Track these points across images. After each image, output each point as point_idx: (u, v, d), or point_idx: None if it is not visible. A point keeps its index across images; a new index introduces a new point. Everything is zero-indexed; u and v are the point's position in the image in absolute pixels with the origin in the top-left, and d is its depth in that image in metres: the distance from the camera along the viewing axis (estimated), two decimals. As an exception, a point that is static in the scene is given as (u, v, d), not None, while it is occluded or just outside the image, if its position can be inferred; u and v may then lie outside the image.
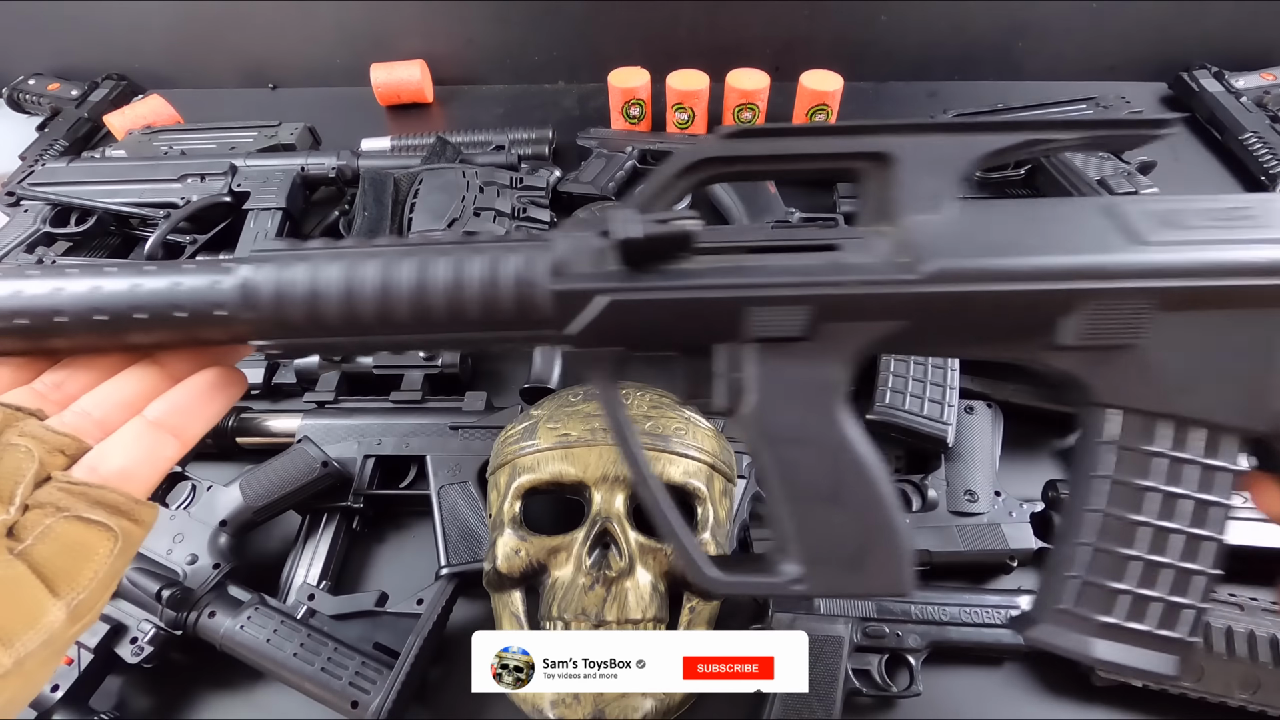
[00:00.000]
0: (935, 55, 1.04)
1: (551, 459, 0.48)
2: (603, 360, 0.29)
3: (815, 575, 0.28)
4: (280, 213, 0.79)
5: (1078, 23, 1.01)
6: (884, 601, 0.51)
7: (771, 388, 0.28)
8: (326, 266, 0.28)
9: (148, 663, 0.48)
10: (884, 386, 0.60)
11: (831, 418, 0.28)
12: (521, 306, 0.28)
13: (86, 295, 0.27)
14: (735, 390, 0.28)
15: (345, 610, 0.51)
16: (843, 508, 0.28)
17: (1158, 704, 0.48)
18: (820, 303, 0.27)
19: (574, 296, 0.27)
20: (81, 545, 0.24)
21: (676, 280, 0.27)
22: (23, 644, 0.22)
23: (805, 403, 0.28)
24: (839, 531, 0.28)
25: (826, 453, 0.28)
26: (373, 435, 0.60)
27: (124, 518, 0.25)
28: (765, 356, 0.28)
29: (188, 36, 1.09)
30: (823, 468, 0.28)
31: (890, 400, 0.59)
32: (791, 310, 0.27)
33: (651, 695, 0.44)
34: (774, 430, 0.28)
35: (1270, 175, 0.86)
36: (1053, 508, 0.56)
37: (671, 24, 1.02)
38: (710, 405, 0.29)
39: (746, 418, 0.28)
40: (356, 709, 0.46)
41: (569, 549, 0.46)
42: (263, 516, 0.56)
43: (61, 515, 0.24)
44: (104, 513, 0.24)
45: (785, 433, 0.28)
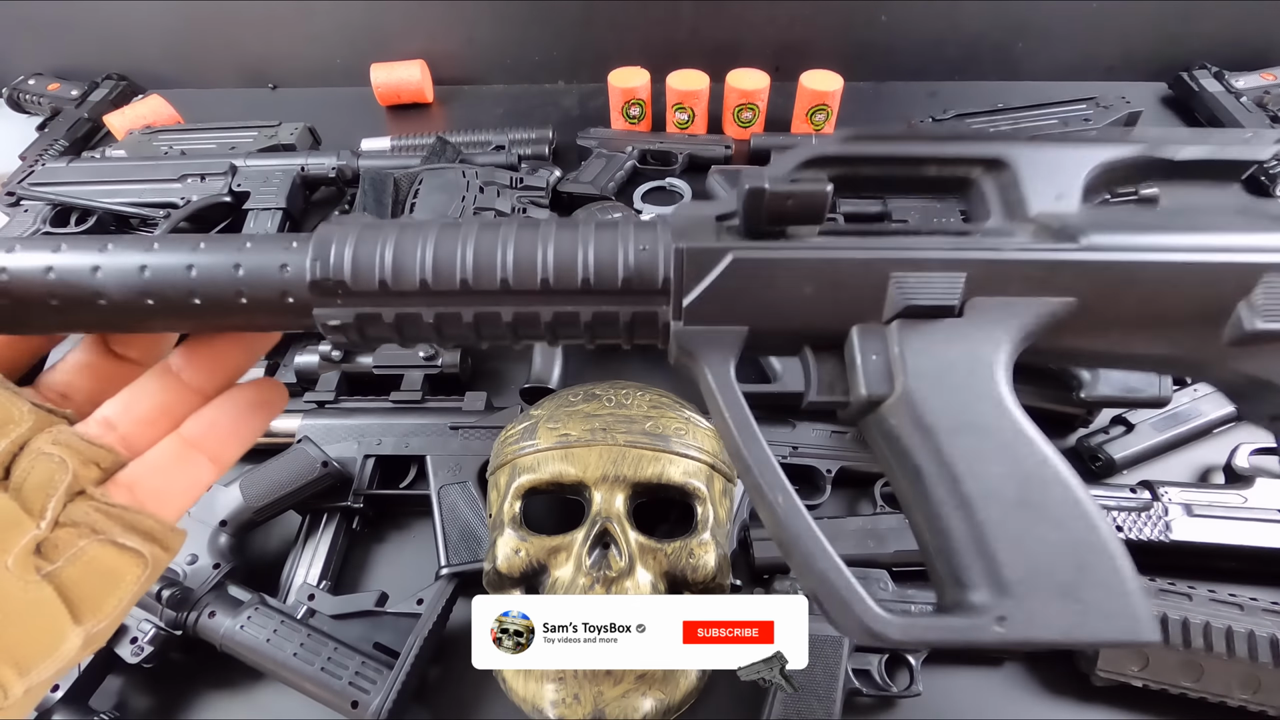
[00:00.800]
0: (935, 55, 1.04)
1: (551, 459, 0.48)
2: (719, 345, 0.25)
3: (1022, 605, 0.21)
4: (280, 213, 0.79)
5: (1078, 23, 1.01)
6: (884, 602, 0.51)
7: (924, 366, 0.23)
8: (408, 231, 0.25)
9: (148, 663, 0.48)
10: None
11: (1002, 404, 0.23)
12: (639, 269, 0.24)
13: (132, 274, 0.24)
14: (881, 373, 0.24)
15: (345, 610, 0.51)
16: (1037, 515, 0.22)
17: (1158, 704, 0.48)
18: (976, 268, 0.23)
19: (698, 255, 0.24)
20: (112, 572, 0.22)
21: (808, 245, 0.24)
22: (38, 673, 0.20)
23: (967, 385, 0.23)
24: (1039, 546, 0.22)
25: (1004, 445, 0.23)
26: (373, 435, 0.60)
27: (157, 545, 0.24)
28: (912, 334, 0.24)
29: (188, 36, 1.09)
30: (1003, 462, 0.23)
31: None
32: (945, 277, 0.23)
33: (651, 695, 0.44)
34: (933, 417, 0.23)
35: (1270, 175, 0.86)
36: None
37: (671, 24, 1.03)
38: (848, 405, 0.25)
39: (896, 405, 0.23)
40: (356, 709, 0.46)
41: (569, 549, 0.46)
42: (263, 516, 0.56)
43: (96, 538, 0.22)
44: (138, 539, 0.23)
45: (948, 419, 0.23)
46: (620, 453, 0.47)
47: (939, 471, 0.23)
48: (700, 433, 0.50)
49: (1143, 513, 0.54)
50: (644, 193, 0.89)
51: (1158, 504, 0.55)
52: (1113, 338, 0.25)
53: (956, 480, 0.23)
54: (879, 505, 0.58)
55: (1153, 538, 0.53)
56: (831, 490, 0.59)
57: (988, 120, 0.85)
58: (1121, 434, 0.62)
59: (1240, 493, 0.55)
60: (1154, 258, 0.23)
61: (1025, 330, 0.24)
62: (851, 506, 0.61)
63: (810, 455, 0.60)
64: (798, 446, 0.60)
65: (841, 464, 0.60)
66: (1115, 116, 0.84)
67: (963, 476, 0.23)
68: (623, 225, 0.25)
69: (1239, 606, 0.48)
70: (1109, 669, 0.48)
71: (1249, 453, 0.59)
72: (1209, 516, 0.54)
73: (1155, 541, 0.53)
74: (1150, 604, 0.21)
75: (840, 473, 0.60)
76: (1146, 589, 0.21)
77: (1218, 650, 0.47)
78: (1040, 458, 0.23)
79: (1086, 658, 0.49)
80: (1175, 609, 0.48)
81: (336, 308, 0.25)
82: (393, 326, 0.25)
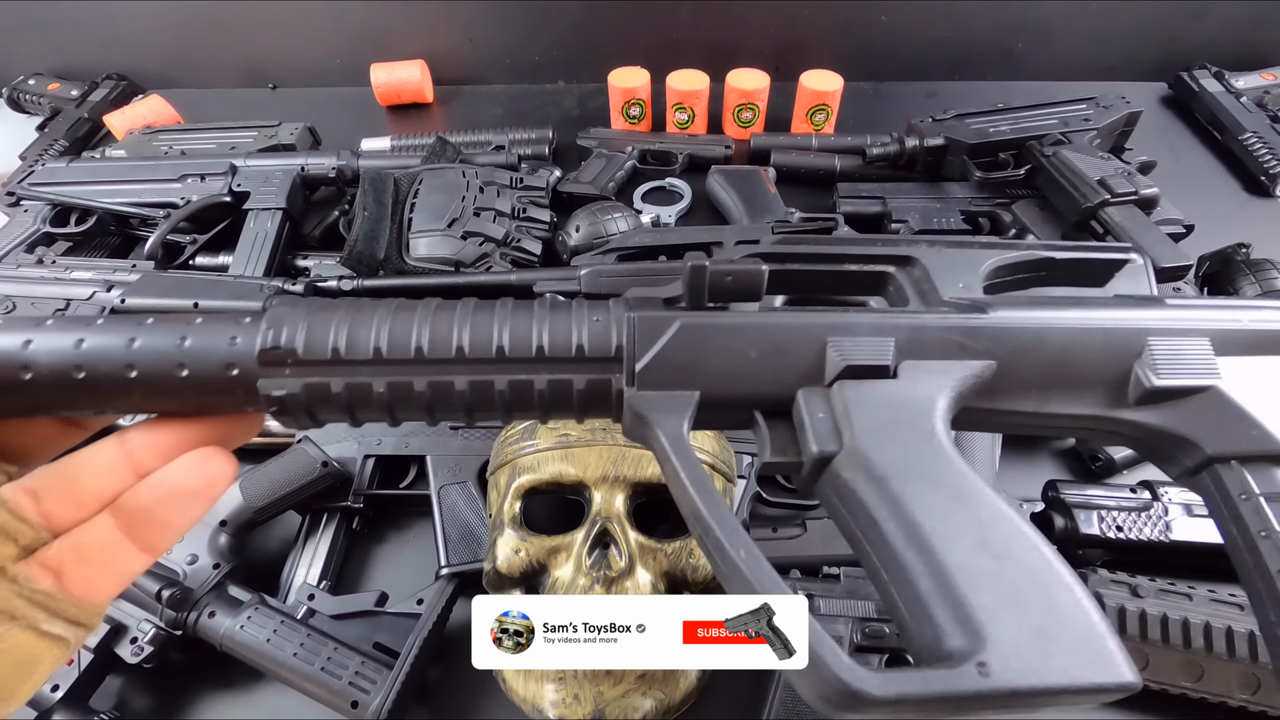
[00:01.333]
0: (935, 55, 1.04)
1: (551, 459, 0.48)
2: (672, 409, 0.25)
3: (999, 648, 0.20)
4: (280, 213, 0.79)
5: (1078, 23, 1.01)
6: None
7: (869, 420, 0.25)
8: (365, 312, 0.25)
9: (148, 663, 0.48)
10: None
11: (947, 455, 0.25)
12: (593, 337, 0.26)
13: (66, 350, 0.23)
14: (829, 430, 0.25)
15: (345, 610, 0.51)
16: (999, 558, 0.22)
17: (1158, 704, 0.48)
18: (903, 333, 0.26)
19: (648, 323, 0.26)
20: (30, 659, 0.21)
21: (748, 314, 0.27)
22: None
23: (912, 437, 0.25)
24: (1005, 587, 0.22)
25: (956, 492, 0.24)
26: (373, 435, 0.60)
27: (81, 628, 0.22)
28: (854, 392, 0.25)
29: (188, 36, 1.09)
30: (958, 508, 0.23)
31: None
32: (877, 341, 0.26)
33: (651, 695, 0.44)
34: (884, 467, 0.24)
35: (1270, 175, 0.86)
36: (1052, 508, 0.56)
37: (671, 24, 1.03)
38: (801, 464, 0.26)
39: (847, 459, 0.24)
40: (356, 709, 0.46)
41: (569, 549, 0.46)
42: (263, 516, 0.56)
43: (16, 624, 0.20)
44: (62, 625, 0.21)
45: (899, 468, 0.24)
46: (620, 452, 0.47)
47: (897, 519, 0.23)
48: (699, 433, 0.50)
49: (1143, 513, 0.54)
50: (644, 193, 0.89)
51: (1158, 504, 0.55)
52: (1034, 398, 0.27)
53: (915, 525, 0.23)
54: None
55: (1153, 538, 0.53)
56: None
57: (988, 120, 0.85)
58: (1121, 434, 0.62)
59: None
60: (1055, 322, 0.27)
61: (955, 390, 0.26)
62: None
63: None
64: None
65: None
66: (1115, 116, 0.83)
67: (920, 521, 0.23)
68: (577, 305, 0.27)
69: (1239, 607, 0.48)
70: (1109, 669, 0.48)
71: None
72: (1209, 517, 0.54)
73: (1155, 541, 0.53)
74: (1122, 649, 0.21)
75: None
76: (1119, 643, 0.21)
77: (1218, 650, 0.47)
78: (993, 505, 0.24)
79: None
80: (1175, 609, 0.48)
81: (284, 378, 0.24)
82: (342, 398, 0.25)
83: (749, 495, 0.58)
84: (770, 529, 0.56)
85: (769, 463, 0.26)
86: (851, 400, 0.25)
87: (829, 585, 0.52)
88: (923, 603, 0.22)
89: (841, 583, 0.52)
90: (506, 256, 0.74)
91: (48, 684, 0.46)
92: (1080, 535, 0.54)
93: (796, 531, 0.56)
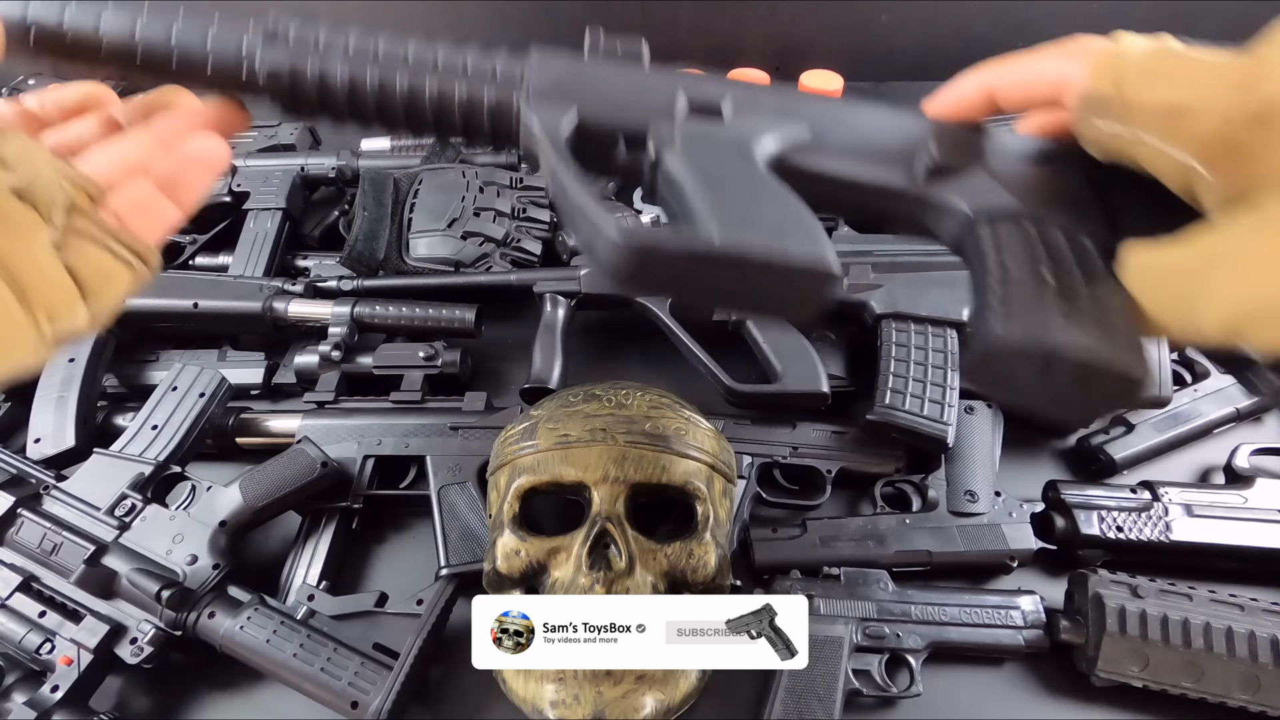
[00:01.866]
0: (935, 55, 1.04)
1: (551, 459, 0.48)
2: (555, 114, 0.33)
3: (735, 229, 0.28)
4: (280, 213, 0.79)
5: (1078, 23, 1.00)
6: (884, 602, 0.51)
7: (700, 132, 0.33)
8: None
9: (147, 663, 0.48)
10: (884, 387, 0.59)
11: (757, 165, 0.32)
12: (504, 68, 0.35)
13: None
14: (668, 138, 0.32)
15: (345, 611, 0.51)
16: (756, 195, 0.31)
17: (1158, 704, 0.48)
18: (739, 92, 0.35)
19: (547, 58, 0.36)
20: (110, 272, 0.29)
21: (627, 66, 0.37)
22: (57, 327, 0.27)
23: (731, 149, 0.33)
24: (751, 201, 0.30)
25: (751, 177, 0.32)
26: (372, 435, 0.60)
27: (141, 260, 0.30)
28: (695, 122, 0.33)
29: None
30: (745, 182, 0.31)
31: (890, 400, 0.58)
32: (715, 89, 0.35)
33: (651, 695, 0.44)
34: (700, 158, 0.32)
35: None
36: (1052, 508, 0.56)
37: (671, 24, 1.02)
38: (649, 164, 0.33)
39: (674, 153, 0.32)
40: (356, 709, 0.46)
41: (569, 549, 0.46)
42: (262, 517, 0.56)
43: (95, 245, 0.28)
44: (128, 254, 0.29)
45: (712, 161, 0.32)
46: (620, 453, 0.47)
47: (699, 180, 0.30)
48: (701, 433, 0.50)
49: (1143, 513, 0.54)
50: (644, 193, 0.89)
51: (1158, 504, 0.55)
52: (842, 162, 0.34)
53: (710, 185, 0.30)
54: (879, 506, 0.58)
55: (1153, 538, 0.53)
56: (831, 490, 0.59)
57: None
58: (1122, 434, 0.62)
59: (1240, 493, 0.55)
60: (858, 108, 0.36)
61: (775, 137, 0.33)
62: (851, 507, 0.61)
63: (810, 455, 0.60)
64: (798, 447, 0.60)
65: (841, 464, 0.60)
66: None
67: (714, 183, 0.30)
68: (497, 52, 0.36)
69: (1239, 607, 0.48)
70: (1109, 669, 0.48)
71: (1249, 453, 0.59)
72: (1209, 517, 0.54)
73: (1155, 542, 0.53)
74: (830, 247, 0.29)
75: (840, 473, 0.60)
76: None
77: (1218, 650, 0.47)
78: (776, 186, 0.31)
79: (1087, 658, 0.49)
80: (1175, 609, 0.48)
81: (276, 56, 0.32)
82: (314, 82, 0.33)
83: (749, 495, 0.58)
84: (770, 529, 0.56)
85: (622, 165, 0.34)
86: (690, 127, 0.33)
87: (829, 585, 0.52)
88: (692, 211, 0.29)
89: (841, 583, 0.52)
90: (506, 256, 0.74)
91: (47, 685, 0.46)
92: (1081, 535, 0.54)
93: (796, 532, 0.56)
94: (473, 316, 0.68)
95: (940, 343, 0.61)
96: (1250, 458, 0.59)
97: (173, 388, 0.60)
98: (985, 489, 0.57)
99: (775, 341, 0.63)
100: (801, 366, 0.62)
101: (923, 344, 0.61)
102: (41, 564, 0.50)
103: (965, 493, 0.57)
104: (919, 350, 0.61)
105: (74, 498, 0.53)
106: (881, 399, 0.59)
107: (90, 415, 0.63)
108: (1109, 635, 0.48)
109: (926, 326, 0.62)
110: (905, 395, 0.59)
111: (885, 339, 0.62)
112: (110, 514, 0.52)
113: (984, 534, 0.55)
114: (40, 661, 0.47)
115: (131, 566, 0.50)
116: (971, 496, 0.57)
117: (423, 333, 0.68)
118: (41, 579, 0.50)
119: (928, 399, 0.59)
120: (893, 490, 0.60)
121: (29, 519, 0.51)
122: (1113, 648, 0.48)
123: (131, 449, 0.56)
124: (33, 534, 0.51)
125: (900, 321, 0.62)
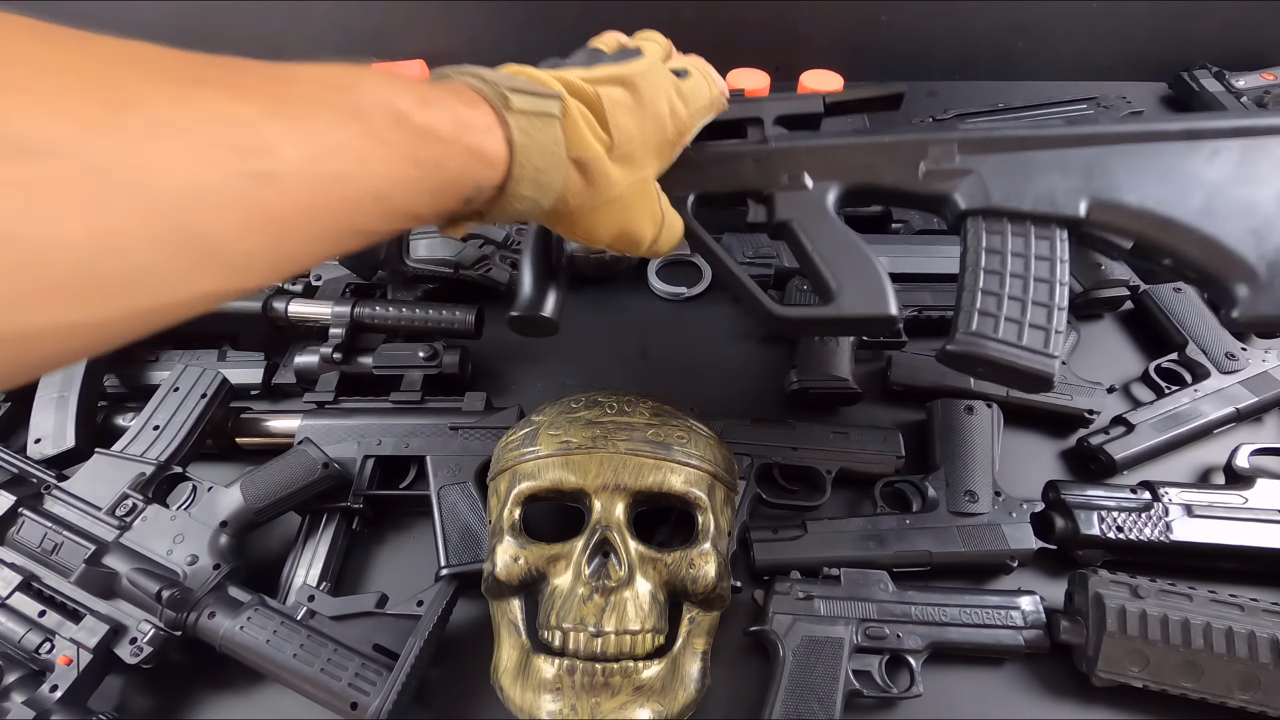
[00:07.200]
0: (935, 55, 1.04)
1: (552, 466, 0.48)
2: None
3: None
4: (280, 213, 0.79)
5: (1077, 23, 1.01)
6: (884, 603, 0.51)
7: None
8: None
9: (147, 663, 0.48)
10: (969, 308, 0.46)
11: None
12: None
13: None
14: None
15: (345, 611, 0.51)
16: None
17: (1158, 704, 0.48)
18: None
19: None
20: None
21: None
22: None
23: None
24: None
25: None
26: (373, 436, 0.60)
27: None
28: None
29: (188, 36, 1.09)
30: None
31: (978, 326, 0.46)
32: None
33: (649, 706, 0.43)
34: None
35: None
36: (1053, 508, 0.56)
37: (671, 24, 1.02)
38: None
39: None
40: (356, 710, 0.46)
41: (568, 557, 0.46)
42: (263, 517, 0.56)
43: None
44: None
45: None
46: (621, 460, 0.47)
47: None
48: (702, 441, 0.50)
49: (1143, 513, 0.54)
50: (644, 193, 0.88)
51: (1158, 504, 0.55)
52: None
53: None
54: (879, 506, 0.58)
55: (1153, 538, 0.53)
56: (831, 490, 0.59)
57: (988, 120, 0.85)
58: (1122, 434, 0.62)
59: (1240, 493, 0.55)
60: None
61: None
62: (852, 507, 0.61)
63: (810, 455, 0.60)
64: (797, 447, 0.60)
65: (841, 464, 0.60)
66: (1116, 116, 0.84)
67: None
68: None
69: (1239, 607, 0.48)
70: (1109, 670, 0.48)
71: (1249, 453, 0.59)
72: (1209, 517, 0.54)
73: (1155, 542, 0.53)
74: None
75: (840, 473, 0.60)
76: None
77: (1218, 651, 0.47)
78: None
79: (1087, 658, 0.49)
80: (1175, 609, 0.48)
81: None
82: None
83: (749, 496, 0.58)
84: (770, 530, 0.56)
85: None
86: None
87: (829, 586, 0.52)
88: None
89: (841, 583, 0.52)
90: (506, 259, 0.74)
91: (46, 684, 0.46)
92: (1081, 536, 0.54)
93: (796, 532, 0.56)
94: (473, 317, 0.68)
95: (1045, 247, 0.47)
96: (1250, 458, 0.59)
97: (175, 388, 0.60)
98: (985, 489, 0.57)
99: (828, 249, 0.48)
100: (863, 282, 0.47)
101: (1022, 249, 0.47)
102: (42, 563, 0.50)
103: (965, 493, 0.57)
104: (1017, 259, 0.46)
105: (75, 497, 0.53)
106: (966, 324, 0.46)
107: (91, 415, 0.63)
108: (1109, 635, 0.48)
109: (1029, 226, 0.47)
110: (998, 319, 0.45)
111: (972, 244, 0.47)
112: (111, 514, 0.52)
113: (984, 534, 0.55)
114: (39, 661, 0.47)
115: (132, 566, 0.50)
116: (971, 497, 0.57)
117: (423, 333, 0.68)
118: (42, 578, 0.50)
119: (1028, 323, 0.45)
120: (893, 490, 0.60)
121: (30, 518, 0.51)
122: (1113, 648, 0.48)
123: (133, 449, 0.56)
124: (33, 533, 0.51)
125: (994, 220, 0.47)
